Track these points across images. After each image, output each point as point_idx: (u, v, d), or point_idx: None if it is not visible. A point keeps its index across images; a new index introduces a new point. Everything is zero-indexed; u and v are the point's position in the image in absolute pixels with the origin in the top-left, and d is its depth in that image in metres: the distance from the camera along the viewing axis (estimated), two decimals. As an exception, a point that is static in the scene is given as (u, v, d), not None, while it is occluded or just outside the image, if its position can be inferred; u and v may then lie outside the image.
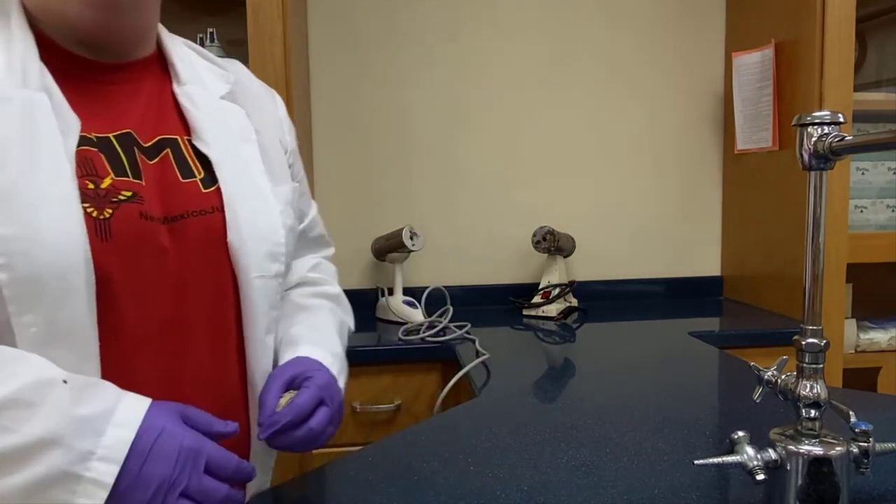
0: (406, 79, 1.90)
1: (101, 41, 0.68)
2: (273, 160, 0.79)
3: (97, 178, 0.62)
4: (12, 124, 0.59)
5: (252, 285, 0.71)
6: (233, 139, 0.74)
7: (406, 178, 1.91)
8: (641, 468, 0.79)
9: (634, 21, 1.97)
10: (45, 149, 0.59)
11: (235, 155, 0.74)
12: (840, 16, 1.56)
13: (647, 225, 2.02)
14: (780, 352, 1.12)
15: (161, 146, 0.70)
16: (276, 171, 0.79)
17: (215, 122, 0.73)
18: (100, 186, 0.62)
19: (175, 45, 0.77)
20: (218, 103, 0.75)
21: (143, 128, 0.69)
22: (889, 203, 1.75)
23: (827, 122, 0.61)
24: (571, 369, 1.31)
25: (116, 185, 0.63)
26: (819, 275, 0.64)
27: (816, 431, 0.63)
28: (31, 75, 0.61)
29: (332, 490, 0.77)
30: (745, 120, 1.85)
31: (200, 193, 0.70)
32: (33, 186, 0.58)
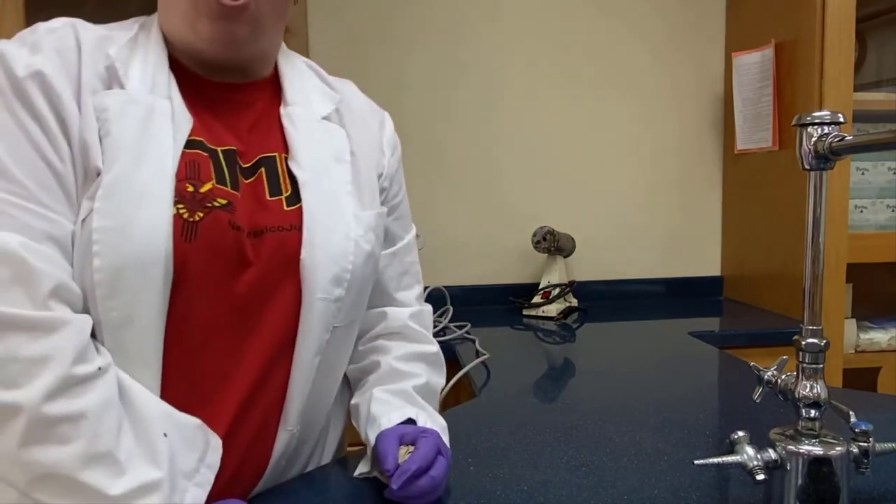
0: (406, 78, 1.90)
1: (222, 68, 0.75)
2: (364, 183, 0.80)
3: (198, 181, 0.68)
4: (132, 125, 0.66)
5: (314, 306, 0.72)
6: (326, 159, 0.77)
7: (405, 178, 1.90)
8: (641, 468, 0.79)
9: (634, 21, 1.97)
10: (154, 150, 0.66)
11: (325, 175, 0.76)
12: (840, 16, 1.56)
13: (647, 225, 2.02)
14: (780, 352, 1.12)
15: (259, 165, 0.74)
16: (366, 194, 0.80)
17: (311, 141, 0.76)
18: (199, 190, 0.67)
19: (291, 65, 0.82)
20: (319, 123, 0.79)
21: (247, 146, 0.74)
22: (889, 203, 1.75)
23: (827, 122, 0.61)
24: (571, 369, 1.31)
25: (215, 192, 0.68)
26: (819, 275, 0.64)
27: (816, 431, 0.63)
28: (160, 84, 0.69)
29: (332, 490, 0.77)
30: (745, 120, 1.85)
31: (283, 211, 0.73)
32: (137, 183, 0.63)
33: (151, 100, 0.68)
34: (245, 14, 0.70)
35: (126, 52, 0.70)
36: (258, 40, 0.74)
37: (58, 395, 0.56)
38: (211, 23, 0.69)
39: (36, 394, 0.55)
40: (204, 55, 0.73)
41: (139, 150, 0.65)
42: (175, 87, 0.71)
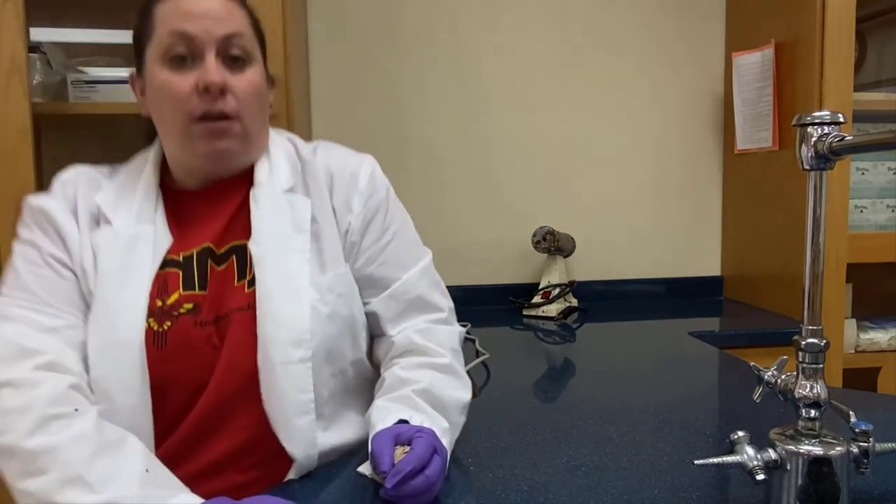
0: (406, 78, 1.90)
1: (214, 176, 0.87)
2: (326, 248, 0.87)
3: (167, 294, 0.81)
4: (116, 256, 0.81)
5: (275, 371, 0.79)
6: (286, 231, 0.85)
7: (405, 178, 1.91)
8: (641, 468, 0.79)
9: (634, 21, 1.97)
10: (135, 275, 0.81)
11: (283, 247, 0.84)
12: (840, 16, 1.56)
13: (647, 225, 2.02)
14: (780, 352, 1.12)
15: (230, 253, 0.85)
16: (328, 257, 0.86)
17: (272, 217, 0.85)
18: (166, 302, 0.81)
19: (272, 149, 0.91)
20: (283, 196, 0.87)
21: (220, 239, 0.85)
22: (889, 203, 1.75)
23: (827, 122, 0.61)
24: (571, 369, 1.31)
25: (181, 300, 0.81)
26: (819, 275, 0.64)
27: (816, 431, 0.63)
28: (146, 211, 0.84)
29: (332, 490, 0.77)
30: (745, 120, 1.85)
31: (244, 293, 0.83)
32: (118, 306, 0.79)
33: (136, 229, 0.83)
34: (232, 132, 0.83)
35: (112, 198, 0.85)
36: (247, 151, 0.87)
37: (36, 432, 0.68)
38: (204, 143, 0.82)
39: (19, 434, 0.68)
40: (199, 170, 0.86)
41: (121, 278, 0.80)
42: (161, 211, 0.85)
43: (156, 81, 0.83)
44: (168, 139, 0.86)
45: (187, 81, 0.81)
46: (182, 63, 0.81)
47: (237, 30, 0.83)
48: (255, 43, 0.87)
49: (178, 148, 0.85)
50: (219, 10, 0.82)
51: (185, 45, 0.81)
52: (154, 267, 0.82)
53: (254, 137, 0.87)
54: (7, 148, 1.40)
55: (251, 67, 0.85)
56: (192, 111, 0.81)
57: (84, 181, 0.86)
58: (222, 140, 0.83)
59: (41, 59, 1.56)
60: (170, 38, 0.81)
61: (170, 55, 0.81)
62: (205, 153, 0.83)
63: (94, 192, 0.85)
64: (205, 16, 0.81)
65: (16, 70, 1.39)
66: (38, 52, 1.56)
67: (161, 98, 0.83)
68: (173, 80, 0.81)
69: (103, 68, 1.64)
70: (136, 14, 0.87)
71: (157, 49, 0.82)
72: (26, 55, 1.40)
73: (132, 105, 1.52)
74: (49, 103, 1.55)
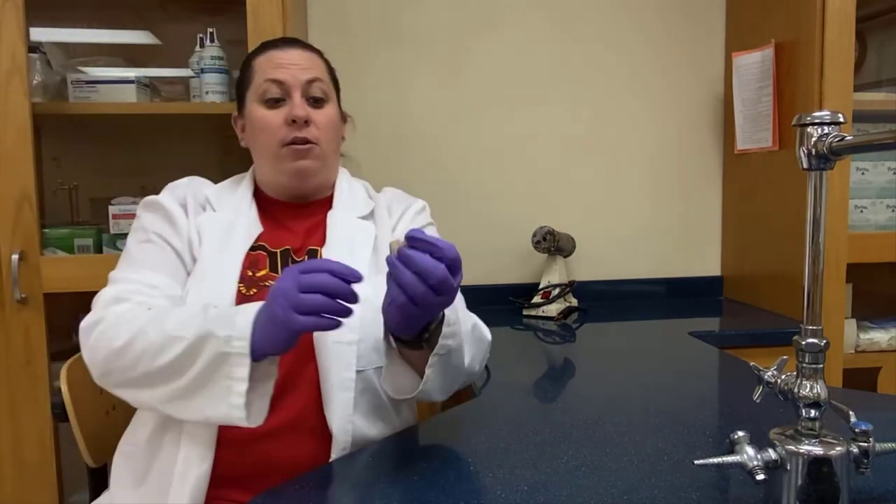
0: (405, 78, 1.90)
1: (295, 194, 1.08)
2: (382, 260, 1.01)
3: (256, 269, 1.00)
4: (217, 233, 1.02)
5: (328, 348, 0.93)
6: (353, 246, 1.04)
7: (405, 178, 1.90)
8: (641, 468, 0.79)
9: (634, 21, 1.97)
10: (232, 248, 1.01)
11: (348, 258, 0.97)
12: (840, 16, 1.56)
13: (648, 225, 2.02)
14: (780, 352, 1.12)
15: (308, 254, 1.04)
16: (383, 267, 0.97)
17: (344, 236, 1.05)
18: (256, 274, 1.00)
19: (347, 186, 1.13)
20: (355, 222, 1.08)
21: (301, 244, 1.05)
22: (889, 203, 1.75)
23: (827, 122, 0.61)
24: (571, 369, 1.31)
25: (267, 276, 1.00)
26: (819, 275, 0.64)
27: (816, 431, 0.63)
28: (242, 208, 1.06)
29: (332, 490, 0.77)
30: (745, 120, 1.85)
31: None
32: (217, 269, 0.98)
33: (234, 218, 1.04)
34: (313, 153, 1.04)
35: (218, 193, 1.08)
36: (323, 171, 1.07)
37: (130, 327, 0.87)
38: (291, 163, 1.03)
39: (119, 337, 0.86)
40: (286, 186, 1.07)
41: (220, 249, 1.00)
42: (254, 211, 1.07)
43: (254, 117, 1.04)
44: (261, 162, 1.08)
45: (279, 116, 1.02)
46: (275, 103, 1.03)
47: (317, 76, 1.05)
48: (332, 86, 1.10)
49: (269, 168, 1.06)
50: (303, 61, 1.05)
51: (277, 88, 1.03)
52: (246, 246, 1.01)
53: (329, 161, 1.08)
54: (7, 148, 1.40)
55: (329, 105, 1.07)
56: (283, 138, 1.02)
57: (195, 183, 1.09)
58: (305, 159, 1.03)
59: (41, 59, 1.56)
60: (266, 84, 1.03)
61: (266, 97, 1.03)
62: (292, 170, 1.04)
63: (203, 188, 1.08)
64: (291, 65, 1.04)
65: (16, 70, 1.39)
66: (38, 52, 1.56)
67: (258, 129, 1.04)
68: (268, 116, 1.03)
69: (103, 68, 1.65)
70: (240, 67, 1.11)
71: (256, 92, 1.04)
72: (26, 55, 1.40)
73: (132, 105, 1.53)
74: (49, 103, 1.55)
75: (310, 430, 0.93)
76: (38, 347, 1.45)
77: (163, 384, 0.84)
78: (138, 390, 0.87)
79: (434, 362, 0.84)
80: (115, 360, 0.86)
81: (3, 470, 1.45)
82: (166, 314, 0.87)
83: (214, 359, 0.79)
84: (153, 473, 0.92)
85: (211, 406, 0.81)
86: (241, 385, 0.79)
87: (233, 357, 0.79)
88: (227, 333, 0.79)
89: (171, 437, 0.91)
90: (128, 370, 0.85)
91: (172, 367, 0.82)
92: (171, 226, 1.02)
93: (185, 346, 0.81)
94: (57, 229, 1.52)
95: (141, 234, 1.01)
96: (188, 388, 0.82)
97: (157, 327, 0.84)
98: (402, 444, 0.91)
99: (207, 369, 0.80)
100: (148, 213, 1.04)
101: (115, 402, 1.18)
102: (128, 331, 0.85)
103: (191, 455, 0.89)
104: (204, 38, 1.58)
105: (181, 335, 0.82)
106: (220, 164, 1.79)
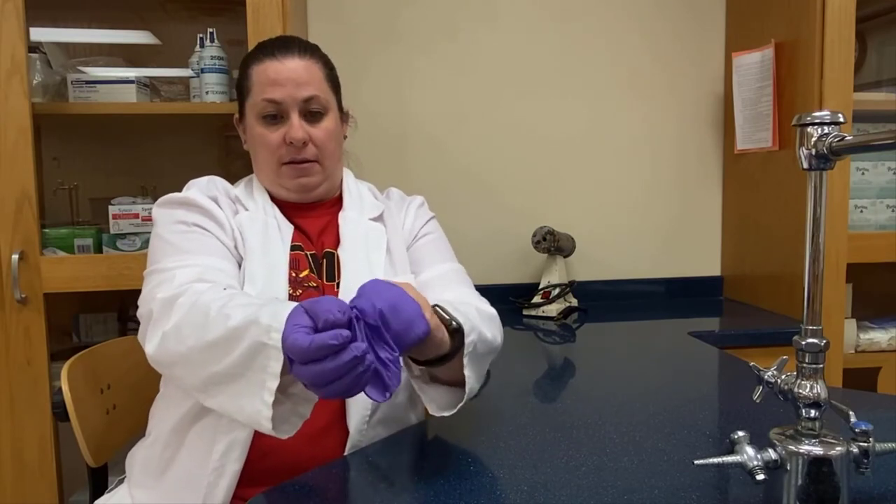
0: (405, 78, 1.90)
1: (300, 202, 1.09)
2: (396, 261, 1.08)
3: (298, 270, 1.02)
4: (258, 233, 1.01)
5: None
6: (367, 248, 1.06)
7: (405, 178, 1.91)
8: (641, 468, 0.79)
9: (634, 21, 1.97)
10: (274, 249, 1.00)
11: (365, 260, 1.05)
12: (840, 16, 1.56)
13: (647, 225, 2.02)
14: (780, 352, 1.12)
15: (324, 256, 1.06)
16: (397, 267, 1.08)
17: (357, 236, 1.06)
18: (299, 275, 1.01)
19: (354, 187, 1.15)
20: (366, 224, 1.09)
21: (317, 247, 1.06)
22: (889, 203, 1.75)
23: (827, 122, 0.61)
24: (571, 369, 1.31)
25: (308, 277, 1.02)
26: (819, 275, 0.64)
27: (816, 431, 0.63)
28: (268, 209, 1.06)
29: (332, 490, 0.77)
30: (745, 120, 1.85)
31: (334, 291, 1.02)
32: (265, 270, 0.98)
33: (264, 217, 1.04)
34: (313, 171, 1.05)
35: (244, 192, 1.08)
36: (325, 182, 1.08)
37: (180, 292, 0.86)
38: (291, 180, 1.04)
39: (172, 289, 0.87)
40: (288, 199, 1.07)
41: (264, 250, 0.99)
42: (277, 209, 1.06)
43: (253, 133, 1.05)
44: (262, 174, 1.09)
45: (277, 135, 1.02)
46: (273, 120, 1.03)
47: (314, 93, 1.03)
48: (330, 94, 1.08)
49: (270, 182, 1.07)
50: (300, 74, 1.02)
51: (274, 108, 1.02)
52: (287, 246, 1.02)
53: (331, 172, 1.08)
54: (7, 148, 1.40)
55: (327, 117, 1.06)
56: (282, 157, 1.03)
57: (218, 182, 1.07)
58: (306, 177, 1.05)
59: (41, 59, 1.56)
60: (262, 103, 1.02)
61: (263, 115, 1.03)
62: (292, 187, 1.05)
63: (228, 188, 1.07)
64: (288, 81, 1.01)
65: (16, 70, 1.39)
66: (38, 52, 1.56)
67: (258, 146, 1.05)
68: (266, 134, 1.03)
69: (103, 68, 1.64)
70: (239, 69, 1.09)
71: (254, 109, 1.04)
72: (26, 55, 1.40)
73: (131, 105, 1.53)
74: (49, 103, 1.55)
75: (333, 430, 0.94)
76: (38, 347, 1.45)
77: (205, 365, 0.79)
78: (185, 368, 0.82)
79: (468, 361, 0.83)
80: (175, 333, 0.82)
81: (3, 470, 1.45)
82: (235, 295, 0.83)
83: (253, 347, 0.74)
84: (177, 466, 0.92)
85: (246, 398, 0.75)
86: (273, 381, 0.72)
87: (269, 349, 0.72)
88: (268, 322, 0.73)
89: (201, 429, 0.91)
90: (182, 343, 0.81)
91: (216, 346, 0.77)
92: (213, 221, 0.99)
93: (231, 326, 0.76)
94: (57, 229, 1.52)
95: (181, 227, 0.97)
96: (227, 374, 0.77)
97: (219, 304, 0.80)
98: (403, 444, 0.91)
99: (246, 357, 0.74)
100: (180, 209, 0.99)
101: (115, 402, 1.18)
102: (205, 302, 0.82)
103: (230, 450, 0.89)
104: (204, 38, 1.58)
105: (232, 312, 0.77)
106: (220, 164, 1.79)
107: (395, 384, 0.69)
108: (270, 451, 0.92)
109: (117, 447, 1.15)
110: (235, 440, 0.90)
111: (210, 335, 0.78)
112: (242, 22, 1.43)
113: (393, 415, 0.99)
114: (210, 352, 0.78)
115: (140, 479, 0.98)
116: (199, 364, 0.79)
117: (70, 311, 1.73)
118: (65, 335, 1.73)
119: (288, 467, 0.90)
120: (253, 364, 0.74)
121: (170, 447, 0.94)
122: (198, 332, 0.79)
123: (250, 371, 0.74)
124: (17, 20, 1.38)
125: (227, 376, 0.77)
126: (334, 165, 1.09)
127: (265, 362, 0.73)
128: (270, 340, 0.72)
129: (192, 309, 0.82)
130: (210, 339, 0.78)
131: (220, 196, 1.04)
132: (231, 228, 1.00)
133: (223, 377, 0.77)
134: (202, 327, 0.79)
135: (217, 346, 0.77)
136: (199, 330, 0.79)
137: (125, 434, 1.18)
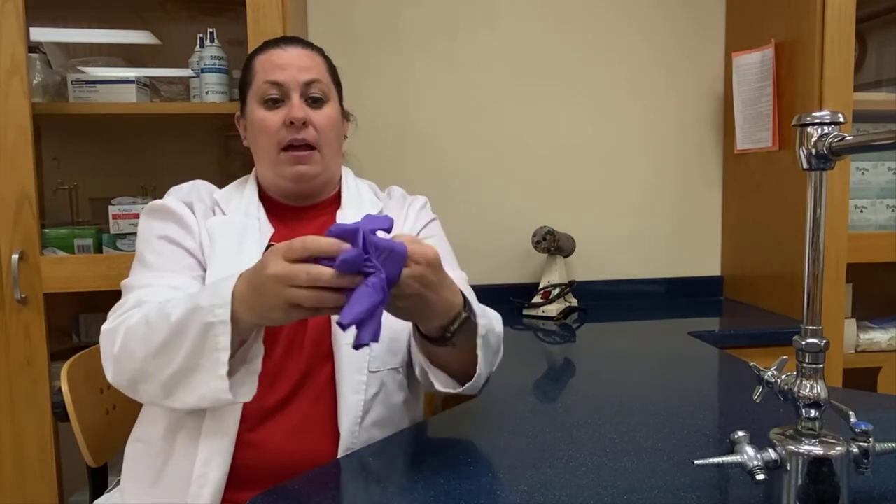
0: (405, 78, 1.90)
1: (298, 196, 1.08)
2: None
3: None
4: (232, 237, 1.01)
5: (341, 350, 0.96)
6: None
7: (405, 178, 1.90)
8: (641, 468, 0.79)
9: (634, 21, 1.97)
10: (247, 251, 0.99)
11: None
12: (840, 16, 1.56)
13: (648, 225, 2.02)
14: (780, 352, 1.12)
15: None
16: None
17: None
18: None
19: (353, 185, 1.14)
20: None
21: None
22: (889, 203, 1.75)
23: (827, 122, 0.61)
24: (571, 369, 1.31)
25: None
26: (819, 275, 0.64)
27: (816, 431, 0.63)
28: (251, 210, 1.06)
29: (332, 490, 0.77)
30: (745, 120, 1.85)
31: None
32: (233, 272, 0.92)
33: (244, 219, 1.04)
34: (312, 159, 1.04)
35: (226, 195, 1.08)
36: (324, 174, 1.07)
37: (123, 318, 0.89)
38: (290, 168, 1.03)
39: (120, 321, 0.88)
40: (287, 189, 1.07)
41: (237, 253, 0.99)
42: (262, 211, 1.06)
43: (254, 118, 1.04)
44: (262, 165, 1.08)
45: (278, 117, 1.02)
46: (274, 104, 1.03)
47: (316, 77, 1.04)
48: (332, 86, 1.09)
49: (269, 171, 1.06)
50: (302, 61, 1.04)
51: (276, 90, 1.03)
52: (262, 248, 1.00)
53: (329, 162, 1.07)
54: (7, 148, 1.40)
55: (328, 105, 1.06)
56: (281, 141, 1.02)
57: (199, 186, 1.08)
58: (304, 164, 1.03)
59: (41, 59, 1.56)
60: (265, 85, 1.03)
61: (265, 98, 1.03)
62: (290, 175, 1.04)
63: (211, 191, 1.08)
64: (290, 66, 1.03)
65: (16, 70, 1.39)
66: (38, 52, 1.56)
67: (258, 131, 1.04)
68: (267, 117, 1.03)
69: (103, 68, 1.64)
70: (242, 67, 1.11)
71: (256, 94, 1.04)
72: (26, 55, 1.40)
73: (131, 105, 1.53)
74: (49, 103, 1.55)
75: (325, 431, 0.94)
76: (38, 347, 1.45)
77: (161, 369, 0.81)
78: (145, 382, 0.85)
79: (481, 343, 0.85)
80: (124, 352, 0.85)
81: (3, 470, 1.45)
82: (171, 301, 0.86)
83: (201, 331, 0.77)
84: (168, 474, 0.92)
85: (204, 383, 0.79)
86: (224, 355, 0.76)
87: (216, 326, 0.76)
88: (209, 303, 0.77)
89: (186, 437, 0.91)
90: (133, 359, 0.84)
91: (166, 346, 0.80)
92: (182, 227, 1.02)
93: (174, 321, 0.79)
94: (57, 229, 1.52)
95: (152, 240, 1.01)
96: (183, 370, 0.80)
97: (157, 310, 0.84)
98: (402, 444, 0.91)
99: (197, 343, 0.78)
100: (155, 219, 1.03)
101: (115, 402, 1.18)
102: (140, 322, 0.85)
103: (211, 458, 0.89)
104: (204, 38, 1.58)
105: (171, 311, 0.80)
106: (220, 164, 1.79)
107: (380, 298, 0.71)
108: (260, 454, 0.92)
109: (117, 447, 1.15)
110: (216, 448, 0.90)
111: (157, 338, 0.81)
112: (242, 22, 1.43)
113: (388, 416, 0.99)
114: (162, 355, 0.81)
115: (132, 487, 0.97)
116: (156, 371, 0.82)
117: (70, 311, 1.73)
118: (65, 335, 1.73)
119: (279, 469, 0.91)
120: (204, 348, 0.78)
121: (161, 455, 0.94)
122: (144, 342, 0.82)
123: (204, 357, 0.78)
124: (17, 20, 1.38)
125: (183, 372, 0.80)
126: (333, 156, 1.08)
127: (214, 340, 0.77)
128: (215, 318, 0.76)
129: (134, 326, 0.85)
130: (158, 342, 0.81)
131: (196, 202, 1.05)
132: (199, 233, 1.02)
133: (181, 375, 0.80)
134: (147, 336, 0.82)
135: (167, 346, 0.80)
136: (144, 340, 0.82)
137: (125, 434, 1.18)
